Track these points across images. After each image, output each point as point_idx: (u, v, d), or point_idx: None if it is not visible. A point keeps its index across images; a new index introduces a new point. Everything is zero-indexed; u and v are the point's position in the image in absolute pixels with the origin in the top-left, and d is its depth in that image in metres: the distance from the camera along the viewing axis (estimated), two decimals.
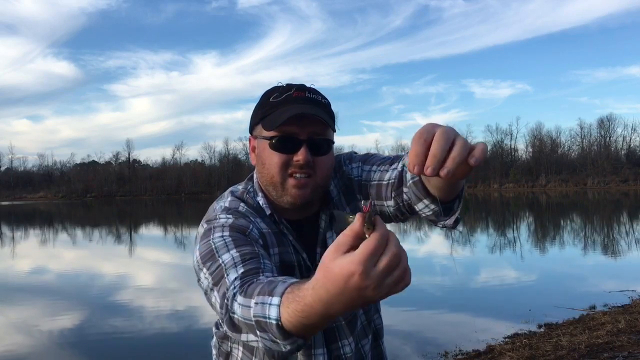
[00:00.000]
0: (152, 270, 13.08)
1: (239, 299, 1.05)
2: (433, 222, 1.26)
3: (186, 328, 6.99)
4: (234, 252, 1.19)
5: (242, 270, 1.14)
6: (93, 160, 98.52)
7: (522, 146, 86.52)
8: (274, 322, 0.95)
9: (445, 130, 0.92)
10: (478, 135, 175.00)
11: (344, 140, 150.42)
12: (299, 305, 0.91)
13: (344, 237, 0.83)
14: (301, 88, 1.35)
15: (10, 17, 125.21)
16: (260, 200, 1.39)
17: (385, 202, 1.36)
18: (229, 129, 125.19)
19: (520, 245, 15.23)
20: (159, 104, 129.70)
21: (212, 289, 1.17)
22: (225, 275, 1.15)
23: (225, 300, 1.09)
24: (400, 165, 1.32)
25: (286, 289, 0.96)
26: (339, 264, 0.82)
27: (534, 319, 6.61)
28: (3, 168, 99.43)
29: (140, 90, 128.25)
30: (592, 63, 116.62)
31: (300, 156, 1.29)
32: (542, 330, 6.21)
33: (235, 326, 1.07)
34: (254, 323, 1.00)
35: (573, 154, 79.27)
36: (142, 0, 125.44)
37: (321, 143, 1.32)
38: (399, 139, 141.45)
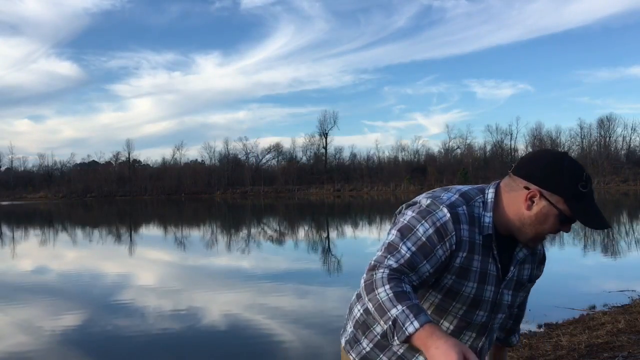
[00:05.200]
0: (153, 270, 13.10)
1: (383, 276, 1.49)
2: None
3: (188, 328, 6.99)
4: (412, 249, 1.56)
5: (396, 265, 1.54)
6: (93, 161, 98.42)
7: (522, 146, 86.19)
8: (408, 332, 1.36)
9: None
10: (478, 135, 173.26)
11: (344, 140, 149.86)
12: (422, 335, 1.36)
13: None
14: (592, 189, 1.65)
15: (14, 17, 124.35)
16: (487, 219, 1.65)
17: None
18: (230, 129, 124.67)
19: None
20: (160, 104, 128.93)
21: (385, 246, 1.59)
22: (392, 249, 1.56)
23: (377, 263, 1.54)
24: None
25: (428, 322, 1.38)
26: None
27: (534, 319, 6.61)
28: (3, 168, 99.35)
29: (142, 91, 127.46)
30: (593, 63, 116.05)
31: (566, 229, 1.62)
32: (541, 330, 6.22)
33: (366, 284, 1.51)
34: (375, 308, 1.45)
35: (573, 154, 79.16)
36: (145, 0, 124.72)
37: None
38: (400, 138, 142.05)
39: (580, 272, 10.86)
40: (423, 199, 1.69)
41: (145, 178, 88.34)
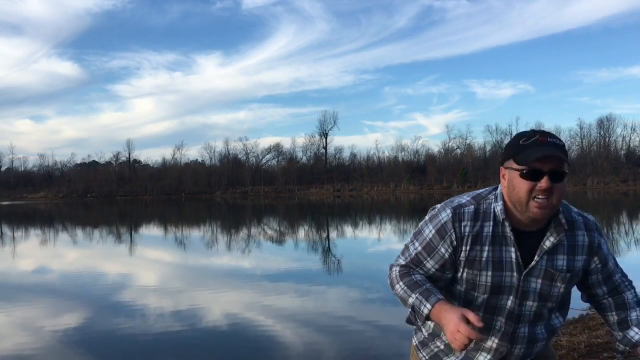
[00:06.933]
0: (154, 269, 13.11)
1: (395, 274, 1.92)
2: None
3: (189, 328, 7.01)
4: (418, 249, 1.88)
5: (404, 262, 1.92)
6: (93, 161, 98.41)
7: None
8: (424, 314, 1.76)
9: None
10: (478, 136, 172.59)
11: (344, 141, 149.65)
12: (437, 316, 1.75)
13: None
14: (544, 134, 1.77)
15: (15, 17, 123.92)
16: (498, 208, 1.83)
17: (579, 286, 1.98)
18: (230, 129, 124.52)
19: None
20: (161, 104, 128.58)
21: (404, 247, 1.96)
22: (405, 250, 1.94)
23: (393, 264, 1.96)
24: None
25: (437, 301, 1.76)
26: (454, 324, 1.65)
27: None
28: (3, 168, 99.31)
29: (143, 91, 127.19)
30: (594, 63, 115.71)
31: (543, 184, 1.71)
32: None
33: (389, 281, 1.94)
34: (400, 300, 1.87)
35: (573, 154, 79.25)
36: (147, 0, 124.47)
37: (559, 174, 1.74)
38: (400, 139, 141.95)
39: None
40: (440, 205, 1.91)
41: (145, 178, 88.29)
